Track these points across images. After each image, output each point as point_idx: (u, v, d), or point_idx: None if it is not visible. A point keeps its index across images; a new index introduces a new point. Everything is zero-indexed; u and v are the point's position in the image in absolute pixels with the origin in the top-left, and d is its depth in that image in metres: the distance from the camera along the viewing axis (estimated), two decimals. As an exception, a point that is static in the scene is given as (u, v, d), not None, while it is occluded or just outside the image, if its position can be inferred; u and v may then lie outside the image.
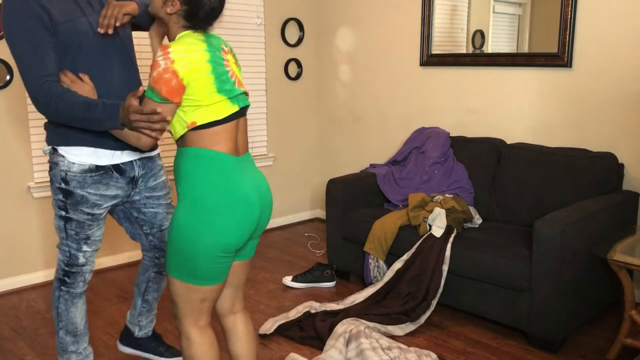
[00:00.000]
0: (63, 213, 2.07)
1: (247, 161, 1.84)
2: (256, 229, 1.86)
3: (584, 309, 2.80)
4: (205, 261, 1.73)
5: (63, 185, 2.04)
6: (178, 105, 1.71)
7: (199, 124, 1.72)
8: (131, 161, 2.15)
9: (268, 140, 4.63)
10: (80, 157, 2.03)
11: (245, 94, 1.85)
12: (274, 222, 4.76)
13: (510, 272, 2.71)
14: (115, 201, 2.15)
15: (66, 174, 2.03)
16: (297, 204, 4.93)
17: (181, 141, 1.77)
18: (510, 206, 3.29)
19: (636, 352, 2.60)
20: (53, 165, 2.07)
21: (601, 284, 2.88)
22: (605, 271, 2.84)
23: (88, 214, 2.08)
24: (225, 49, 1.83)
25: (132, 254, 3.94)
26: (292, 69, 4.69)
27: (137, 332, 2.57)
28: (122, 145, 2.07)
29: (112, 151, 2.07)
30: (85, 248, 2.13)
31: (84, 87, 1.98)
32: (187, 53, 1.67)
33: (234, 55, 1.87)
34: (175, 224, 1.74)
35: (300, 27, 4.66)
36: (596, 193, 2.99)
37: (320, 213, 4.99)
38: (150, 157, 2.24)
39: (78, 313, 2.21)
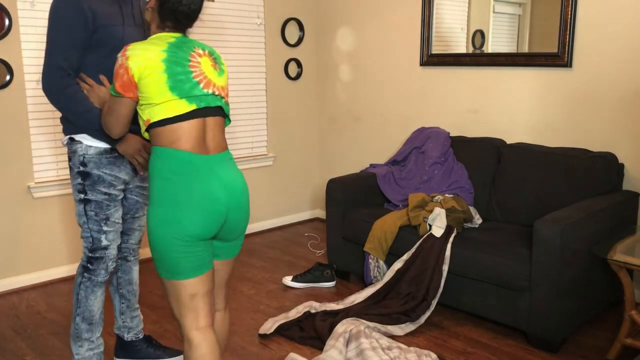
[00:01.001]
0: (82, 196, 2.23)
1: (221, 160, 1.88)
2: (226, 227, 1.90)
3: (584, 309, 2.80)
4: (175, 253, 1.78)
5: (82, 168, 2.21)
6: (134, 100, 1.85)
7: (152, 121, 1.82)
8: None
9: (268, 140, 4.63)
10: (96, 142, 2.21)
11: (219, 95, 1.92)
12: (274, 222, 4.76)
13: (510, 272, 2.71)
14: (125, 185, 2.32)
15: (84, 157, 2.20)
16: (297, 204, 4.93)
17: (150, 140, 1.89)
18: (510, 206, 3.29)
19: (636, 352, 2.60)
20: (71, 154, 2.24)
21: (601, 284, 2.88)
22: (605, 271, 2.84)
23: (105, 193, 2.24)
24: (200, 51, 1.92)
25: (132, 254, 3.94)
26: (292, 69, 4.69)
27: (127, 336, 2.58)
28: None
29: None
30: (105, 228, 2.26)
31: (101, 90, 2.16)
32: (142, 51, 1.80)
33: (214, 59, 1.95)
34: (147, 221, 1.85)
35: (300, 27, 4.66)
36: (596, 193, 2.99)
37: (320, 213, 4.99)
38: None
39: (96, 302, 2.31)
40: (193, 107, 1.83)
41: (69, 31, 2.09)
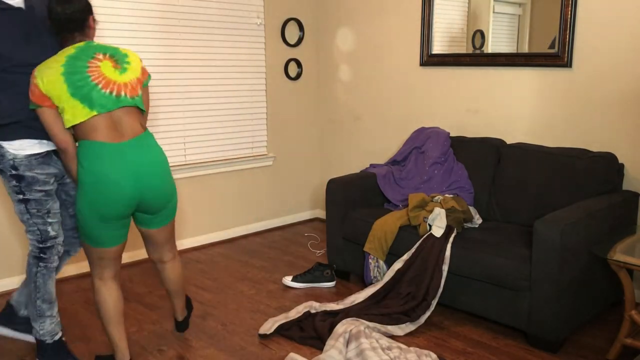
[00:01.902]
0: (21, 196, 2.38)
1: (134, 145, 2.26)
2: (145, 203, 2.32)
3: (584, 309, 2.80)
4: (90, 228, 2.27)
5: (14, 172, 2.35)
6: (53, 108, 2.22)
7: (71, 124, 2.21)
8: None
9: (268, 140, 4.63)
10: (26, 149, 2.34)
11: (120, 94, 2.26)
12: (274, 222, 4.76)
13: (510, 272, 2.71)
14: (57, 178, 2.47)
15: (14, 161, 2.34)
16: (297, 204, 4.93)
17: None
18: (510, 206, 3.29)
19: (636, 352, 2.60)
20: (0, 157, 2.35)
21: (601, 284, 2.88)
22: (605, 271, 2.84)
23: (41, 191, 2.39)
24: (101, 56, 2.27)
25: (131, 254, 3.94)
26: (292, 69, 4.69)
27: (23, 312, 2.74)
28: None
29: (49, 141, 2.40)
30: (50, 220, 2.43)
31: None
32: (45, 69, 2.20)
33: (116, 60, 2.31)
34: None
35: (300, 27, 4.66)
36: (596, 193, 2.99)
37: (320, 213, 4.99)
38: None
39: (52, 283, 2.51)
40: (94, 113, 2.20)
41: None
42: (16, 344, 2.80)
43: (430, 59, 3.98)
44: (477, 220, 3.25)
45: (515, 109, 3.58)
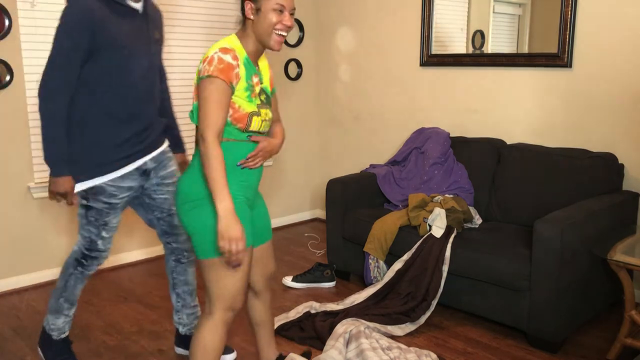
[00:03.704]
0: (84, 202, 2.30)
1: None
2: None
3: (584, 309, 2.80)
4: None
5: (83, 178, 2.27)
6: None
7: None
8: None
9: (268, 140, 4.62)
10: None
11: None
12: (274, 222, 4.76)
13: (510, 272, 2.71)
14: (130, 192, 2.36)
15: None
16: (297, 204, 4.93)
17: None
18: (510, 206, 3.29)
19: (636, 352, 2.60)
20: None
21: (601, 284, 2.88)
22: (605, 271, 2.84)
23: (106, 202, 2.30)
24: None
25: (131, 254, 3.94)
26: (292, 69, 4.69)
27: (181, 330, 2.65)
28: (139, 154, 2.33)
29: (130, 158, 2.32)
30: (103, 234, 2.36)
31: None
32: None
33: None
34: None
35: (300, 27, 4.66)
36: (596, 193, 2.99)
37: (320, 213, 4.99)
38: (162, 151, 2.44)
39: (81, 289, 2.47)
40: None
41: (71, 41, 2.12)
42: (16, 344, 2.80)
43: (430, 59, 3.98)
44: (477, 220, 3.25)
45: (515, 109, 3.58)
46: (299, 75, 4.72)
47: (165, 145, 2.48)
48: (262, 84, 1.99)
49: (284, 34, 1.92)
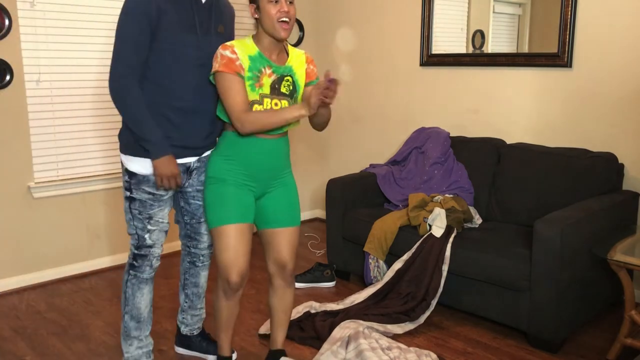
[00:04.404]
0: (128, 193, 2.25)
1: None
2: None
3: (584, 309, 2.80)
4: None
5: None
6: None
7: None
8: None
9: (268, 140, 4.63)
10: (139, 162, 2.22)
11: None
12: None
13: (510, 272, 2.71)
14: (176, 187, 2.27)
15: None
16: (297, 204, 4.92)
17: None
18: (510, 206, 3.29)
19: (636, 352, 2.60)
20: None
21: (601, 284, 2.88)
22: (605, 271, 2.84)
23: (149, 193, 2.23)
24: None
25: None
26: (292, 69, 4.69)
27: (183, 329, 2.64)
28: (189, 151, 2.28)
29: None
30: (149, 227, 2.26)
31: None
32: None
33: None
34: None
35: (300, 27, 4.66)
36: (596, 193, 2.99)
37: (320, 213, 4.99)
38: (207, 155, 2.37)
39: (143, 300, 2.34)
40: None
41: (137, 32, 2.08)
42: (16, 344, 2.80)
43: (430, 59, 3.98)
44: (477, 220, 3.25)
45: (515, 109, 3.58)
46: (299, 75, 4.71)
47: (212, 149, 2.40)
48: (287, 76, 2.19)
49: (285, 19, 2.08)
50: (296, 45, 4.67)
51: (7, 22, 3.25)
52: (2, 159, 3.36)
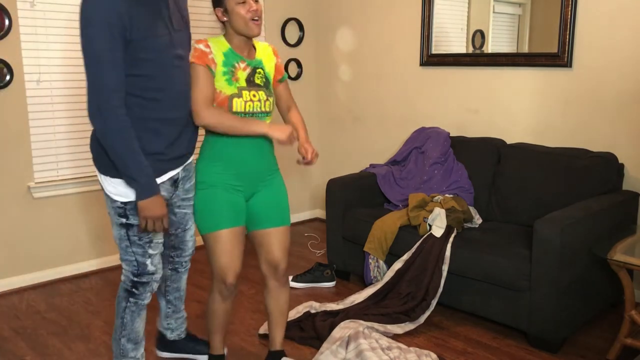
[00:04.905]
0: (124, 220, 2.06)
1: None
2: None
3: (584, 309, 2.80)
4: None
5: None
6: None
7: None
8: None
9: (268, 140, 4.63)
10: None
11: None
12: (274, 222, 4.76)
13: (510, 272, 2.71)
14: (165, 201, 2.16)
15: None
16: (297, 204, 4.92)
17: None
18: (510, 206, 3.29)
19: (636, 352, 2.60)
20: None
21: (601, 284, 2.88)
22: (605, 271, 2.84)
23: None
24: None
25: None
26: (292, 69, 4.69)
27: (170, 335, 2.60)
28: (173, 164, 2.16)
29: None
30: (151, 251, 2.13)
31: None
32: None
33: None
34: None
35: (300, 27, 4.66)
36: (596, 193, 2.99)
37: (320, 213, 4.99)
38: (190, 162, 2.30)
39: (142, 323, 2.24)
40: None
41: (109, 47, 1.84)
42: (16, 344, 2.80)
43: (430, 59, 3.98)
44: (477, 220, 3.25)
45: (515, 109, 3.58)
46: (299, 75, 4.72)
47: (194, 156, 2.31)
48: (258, 69, 2.24)
49: (256, 18, 2.15)
50: (296, 45, 4.67)
51: (7, 22, 3.25)
52: (2, 159, 3.37)
